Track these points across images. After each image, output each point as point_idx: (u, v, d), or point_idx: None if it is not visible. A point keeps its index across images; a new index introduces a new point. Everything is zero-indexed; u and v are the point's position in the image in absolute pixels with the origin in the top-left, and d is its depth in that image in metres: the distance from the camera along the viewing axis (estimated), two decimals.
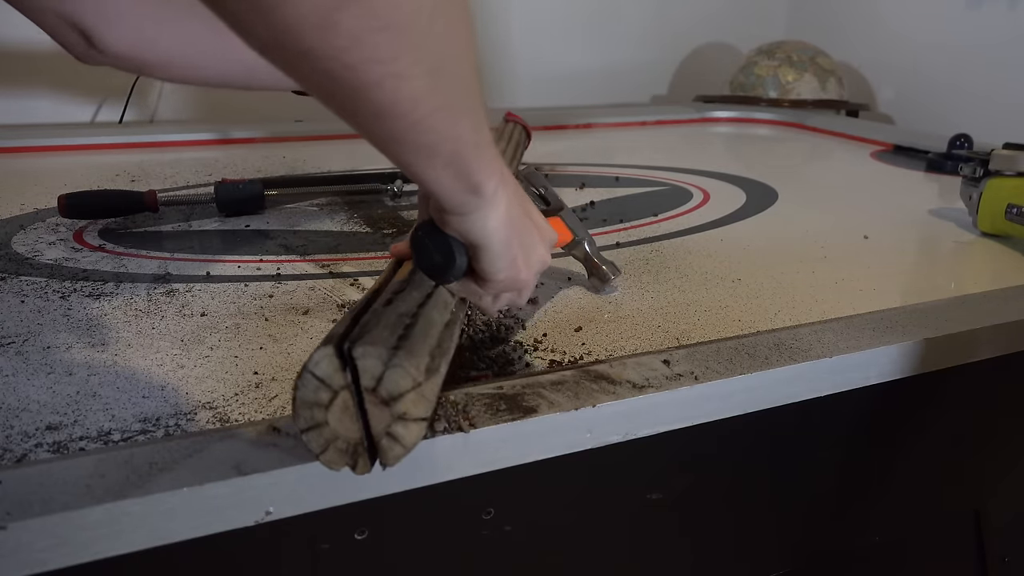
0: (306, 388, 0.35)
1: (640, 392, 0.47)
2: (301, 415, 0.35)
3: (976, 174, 0.87)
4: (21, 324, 0.58)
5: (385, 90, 0.32)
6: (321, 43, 0.29)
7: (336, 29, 0.29)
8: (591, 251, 0.67)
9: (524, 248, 0.45)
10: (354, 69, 0.31)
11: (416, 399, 0.35)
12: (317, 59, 0.30)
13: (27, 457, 0.40)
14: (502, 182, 0.42)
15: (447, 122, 0.36)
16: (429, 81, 0.33)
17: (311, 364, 0.35)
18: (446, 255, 0.43)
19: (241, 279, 0.69)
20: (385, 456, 0.36)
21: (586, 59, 1.89)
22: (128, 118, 1.46)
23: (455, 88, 0.36)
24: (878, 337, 0.55)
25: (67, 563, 0.35)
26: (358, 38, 0.30)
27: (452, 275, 0.44)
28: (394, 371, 0.35)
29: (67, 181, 1.00)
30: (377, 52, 0.31)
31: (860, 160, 1.33)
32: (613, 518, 0.52)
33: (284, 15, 0.28)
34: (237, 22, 0.29)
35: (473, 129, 0.38)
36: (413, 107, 0.34)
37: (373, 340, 0.35)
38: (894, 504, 0.65)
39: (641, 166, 1.24)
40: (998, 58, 1.60)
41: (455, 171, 0.38)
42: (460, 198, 0.40)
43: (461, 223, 0.42)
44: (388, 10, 0.30)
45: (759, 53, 1.78)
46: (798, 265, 0.76)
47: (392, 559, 0.44)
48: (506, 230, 0.43)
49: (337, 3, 0.28)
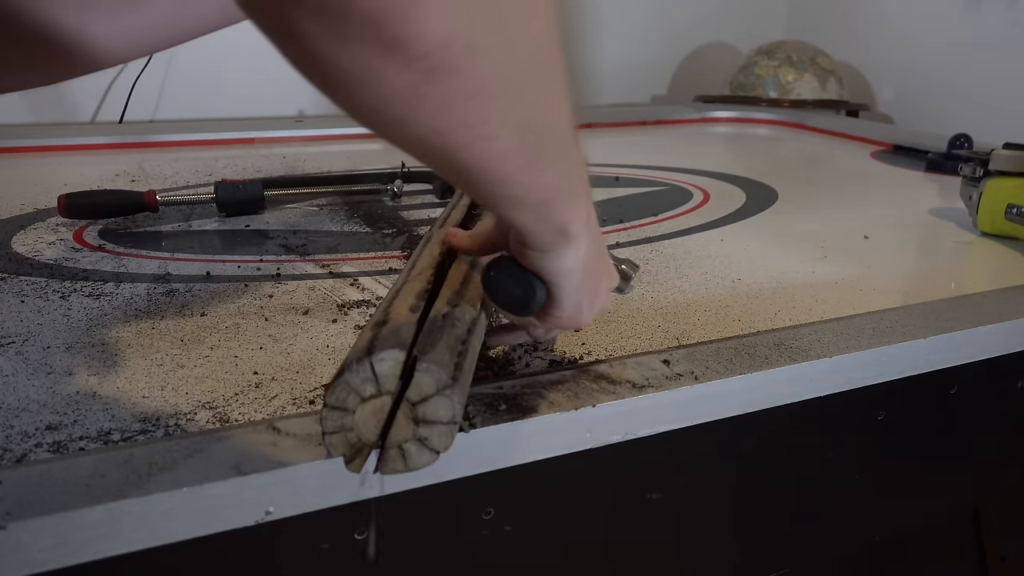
0: (355, 376, 0.34)
1: (640, 392, 0.47)
2: (336, 394, 0.35)
3: (976, 174, 0.87)
4: (21, 324, 0.58)
5: (473, 151, 0.32)
6: (410, 113, 0.29)
7: (424, 100, 0.28)
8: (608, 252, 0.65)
9: (591, 293, 0.44)
10: (442, 134, 0.30)
11: (444, 432, 0.35)
12: (406, 125, 0.30)
13: (27, 457, 0.40)
14: (588, 224, 0.41)
15: (535, 175, 0.35)
16: (518, 139, 0.33)
17: (375, 356, 0.34)
18: (526, 290, 0.42)
19: (241, 279, 0.69)
20: (385, 466, 0.36)
21: (586, 60, 1.89)
22: (128, 118, 1.46)
23: (545, 141, 0.35)
24: (878, 337, 0.55)
25: (67, 563, 0.35)
26: (447, 107, 0.29)
27: (531, 309, 0.42)
28: (442, 400, 0.35)
29: (67, 181, 1.00)
30: (466, 118, 0.30)
31: (860, 160, 1.33)
32: (613, 518, 0.52)
33: (374, 91, 0.28)
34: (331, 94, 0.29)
35: (563, 175, 0.37)
36: (500, 164, 0.33)
37: (439, 361, 0.35)
38: (894, 504, 0.65)
39: (641, 166, 1.24)
40: (998, 58, 1.60)
41: (540, 215, 0.38)
42: (546, 238, 0.39)
43: (540, 259, 0.41)
44: (478, 79, 0.29)
45: (759, 53, 1.78)
46: (798, 265, 0.76)
47: (392, 559, 0.44)
48: (581, 273, 0.42)
49: (426, 76, 0.27)
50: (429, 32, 0.26)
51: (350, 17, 0.25)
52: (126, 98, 1.45)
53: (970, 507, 0.70)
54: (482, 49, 0.28)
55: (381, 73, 0.27)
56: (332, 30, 0.25)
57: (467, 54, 0.27)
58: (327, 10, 0.25)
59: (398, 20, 0.25)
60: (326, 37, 0.26)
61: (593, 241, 0.42)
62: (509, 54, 0.30)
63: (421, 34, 0.26)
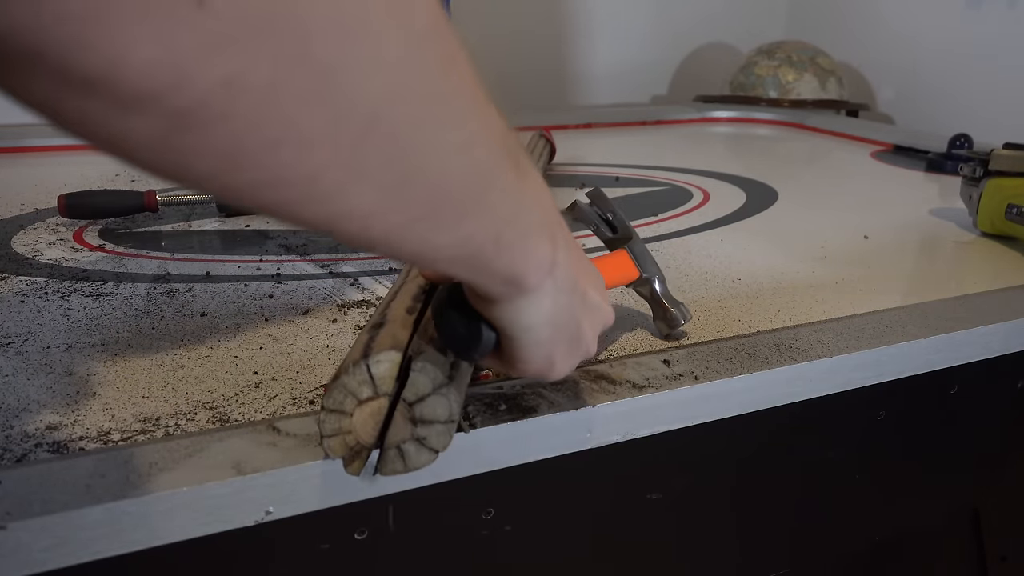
0: (352, 379, 0.35)
1: (640, 392, 0.47)
2: (334, 397, 0.35)
3: (976, 174, 0.87)
4: (21, 324, 0.58)
5: (312, 211, 0.25)
6: (180, 169, 0.22)
7: (190, 153, 0.21)
8: (661, 291, 0.57)
9: (567, 343, 0.37)
10: (250, 194, 0.23)
11: (441, 431, 0.35)
12: (188, 182, 0.23)
13: (27, 457, 0.40)
14: (551, 269, 0.34)
15: (438, 232, 0.28)
16: (387, 195, 0.25)
17: (372, 359, 0.34)
18: (472, 333, 0.35)
19: (241, 279, 0.69)
20: (384, 467, 0.36)
21: (586, 59, 1.89)
22: None
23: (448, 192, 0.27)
24: (878, 337, 0.55)
25: (67, 563, 0.35)
26: (231, 160, 0.22)
27: (474, 356, 0.37)
28: (439, 398, 0.35)
29: (67, 181, 1.00)
30: (276, 174, 0.23)
31: (860, 160, 1.33)
32: (613, 518, 0.52)
33: (110, 141, 0.21)
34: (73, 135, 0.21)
35: (493, 223, 0.30)
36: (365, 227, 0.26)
37: (434, 360, 0.35)
38: (894, 504, 0.65)
39: (641, 166, 1.24)
40: (998, 58, 1.60)
41: (473, 269, 0.31)
42: (492, 289, 0.33)
43: (490, 309, 0.34)
44: (275, 122, 0.21)
45: (759, 53, 1.78)
46: (798, 265, 0.76)
47: (392, 559, 0.44)
48: (547, 327, 0.35)
49: (183, 119, 0.20)
50: (134, 69, 0.18)
51: (4, 41, 0.18)
52: None
53: (970, 507, 0.70)
54: (262, 87, 0.20)
55: (95, 117, 0.20)
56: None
57: (231, 94, 0.20)
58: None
59: (60, 49, 0.18)
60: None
61: (561, 288, 0.35)
62: (332, 90, 0.22)
63: (118, 70, 0.18)
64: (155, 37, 0.18)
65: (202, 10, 0.18)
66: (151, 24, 0.18)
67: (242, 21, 0.19)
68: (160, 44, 0.18)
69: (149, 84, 0.19)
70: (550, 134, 1.17)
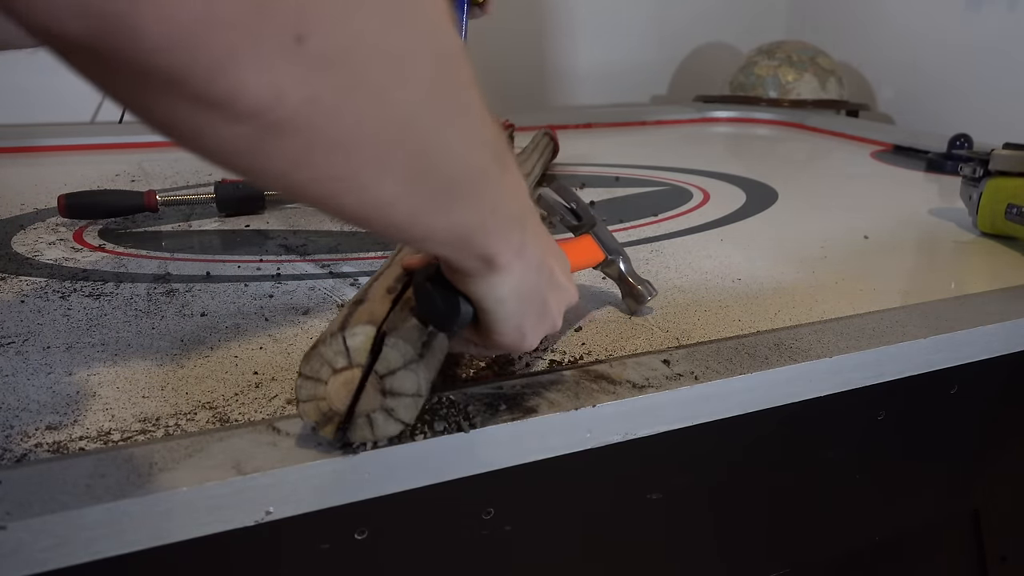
0: (328, 348, 0.37)
1: (640, 392, 0.47)
2: (311, 365, 0.37)
3: (976, 174, 0.87)
4: (21, 324, 0.58)
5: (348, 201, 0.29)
6: (258, 167, 0.27)
7: (271, 156, 0.26)
8: (626, 270, 0.61)
9: (535, 316, 0.42)
10: (304, 187, 0.28)
11: (409, 404, 0.38)
12: (261, 178, 0.28)
13: (27, 457, 0.40)
14: (520, 251, 0.38)
15: (436, 217, 0.33)
16: (405, 187, 0.30)
17: (348, 331, 0.37)
18: (450, 307, 0.40)
19: (241, 279, 0.69)
20: (354, 433, 0.38)
21: (586, 59, 1.89)
22: (128, 118, 1.46)
23: (447, 183, 0.32)
24: (878, 337, 0.55)
25: (67, 563, 0.35)
26: (300, 162, 0.26)
27: (456, 326, 0.40)
28: (408, 373, 0.37)
29: (67, 181, 1.00)
30: (330, 171, 0.27)
31: (860, 160, 1.33)
32: (613, 518, 0.52)
33: (208, 144, 0.25)
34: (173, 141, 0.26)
35: (478, 210, 0.35)
36: (386, 213, 0.31)
37: (407, 337, 0.38)
38: (894, 504, 0.65)
39: (641, 166, 1.24)
40: (998, 58, 1.60)
41: (455, 249, 0.36)
42: (468, 264, 0.37)
43: (466, 283, 0.39)
44: (334, 133, 0.26)
45: (759, 53, 1.78)
46: (798, 265, 0.76)
47: (392, 559, 0.44)
48: (516, 301, 0.40)
49: (264, 133, 0.25)
50: (248, 92, 0.23)
51: (140, 72, 0.22)
52: None
53: (970, 507, 0.70)
54: (335, 103, 0.25)
55: (204, 128, 0.24)
56: (125, 81, 0.23)
57: (313, 110, 0.25)
58: (108, 61, 0.22)
59: (202, 80, 0.23)
60: (123, 88, 0.24)
61: (529, 267, 0.39)
62: (380, 105, 0.27)
63: (236, 94, 0.23)
64: (267, 66, 0.23)
65: (300, 46, 0.23)
66: (265, 56, 0.23)
67: (324, 54, 0.24)
68: (270, 72, 0.23)
69: (257, 103, 0.24)
70: (555, 133, 1.17)
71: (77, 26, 0.21)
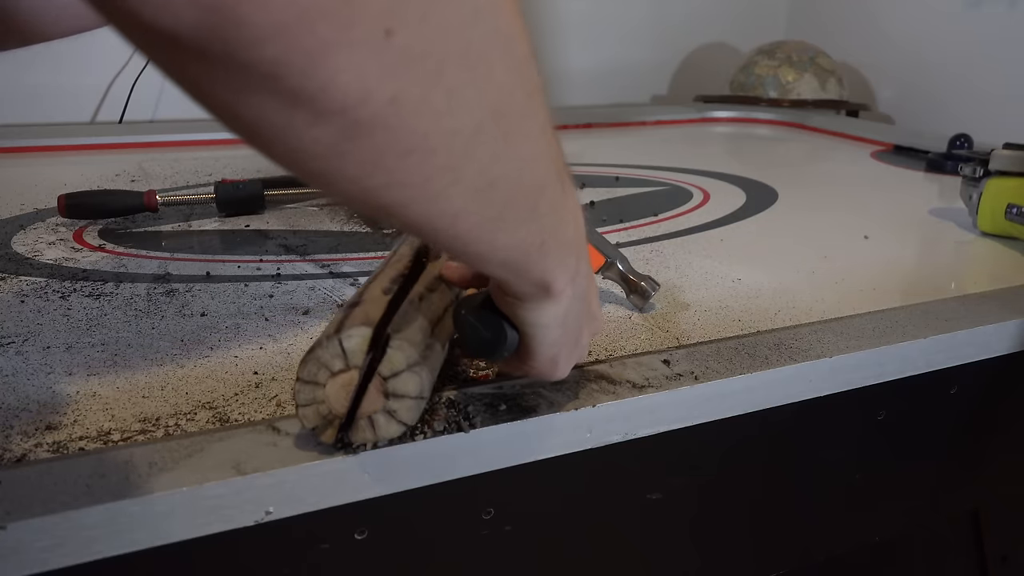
0: (325, 352, 0.37)
1: (640, 392, 0.47)
2: (308, 369, 0.37)
3: (976, 174, 0.87)
4: (21, 324, 0.58)
5: (415, 210, 0.28)
6: (332, 170, 0.26)
7: (346, 158, 0.25)
8: (626, 269, 0.63)
9: (570, 346, 0.42)
10: (375, 192, 0.27)
11: (411, 406, 0.38)
12: (333, 182, 0.27)
13: (27, 457, 0.40)
14: (575, 278, 0.38)
15: (501, 234, 0.32)
16: (475, 198, 0.29)
17: (343, 334, 0.37)
18: (496, 335, 0.39)
19: (241, 279, 0.69)
20: (356, 434, 0.38)
21: (586, 59, 1.89)
22: (128, 118, 1.46)
23: (515, 198, 0.31)
24: (878, 337, 0.55)
25: (67, 563, 0.35)
26: (375, 165, 0.26)
27: (497, 356, 0.40)
28: (411, 375, 0.37)
29: (67, 181, 1.00)
30: (403, 177, 0.27)
31: (860, 160, 1.33)
32: (613, 518, 0.52)
33: (286, 145, 0.25)
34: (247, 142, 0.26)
35: (539, 231, 0.34)
36: (452, 224, 0.30)
37: (411, 339, 0.38)
38: (894, 504, 0.65)
39: (641, 166, 1.24)
40: (998, 58, 1.60)
41: (513, 271, 0.35)
42: (524, 289, 0.36)
43: (516, 307, 0.38)
44: (412, 137, 0.25)
45: (759, 53, 1.78)
46: (798, 265, 0.76)
47: (392, 559, 0.44)
48: (559, 328, 0.39)
49: (345, 132, 0.24)
50: (338, 86, 0.23)
51: (241, 66, 0.22)
52: (126, 98, 1.45)
53: (970, 507, 0.70)
54: (414, 104, 0.25)
55: (288, 127, 0.24)
56: (224, 78, 0.23)
57: (394, 110, 0.24)
58: (213, 56, 0.22)
59: (298, 72, 0.22)
60: (220, 85, 0.23)
61: (577, 296, 0.39)
62: (455, 108, 0.26)
63: (328, 88, 0.23)
64: (358, 60, 0.23)
65: (388, 40, 0.23)
66: (357, 49, 0.22)
67: (408, 51, 0.24)
68: (360, 66, 0.23)
69: (344, 99, 0.23)
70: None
71: (190, 16, 0.21)
